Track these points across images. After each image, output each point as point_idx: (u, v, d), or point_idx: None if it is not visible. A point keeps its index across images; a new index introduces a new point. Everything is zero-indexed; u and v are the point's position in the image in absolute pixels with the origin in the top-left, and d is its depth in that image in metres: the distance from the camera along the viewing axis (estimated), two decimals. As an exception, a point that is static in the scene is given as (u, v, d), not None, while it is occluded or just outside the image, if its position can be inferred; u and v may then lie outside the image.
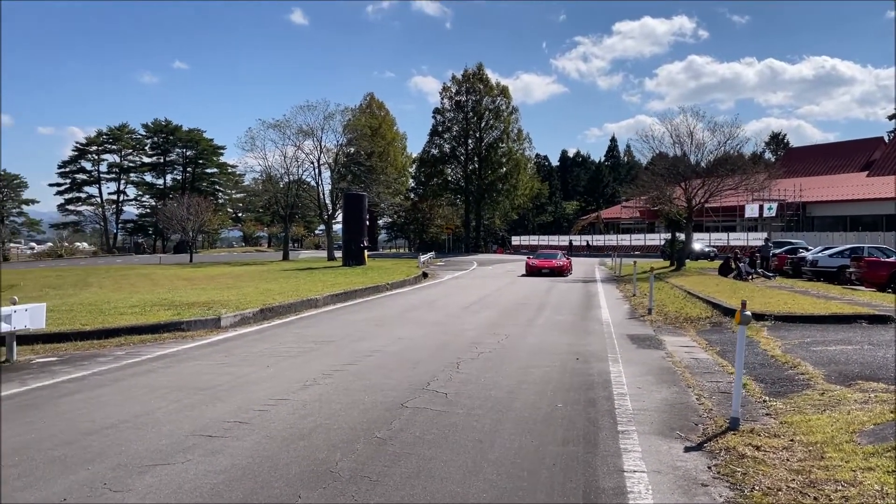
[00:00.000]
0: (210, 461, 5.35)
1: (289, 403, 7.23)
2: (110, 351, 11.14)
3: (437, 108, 79.90)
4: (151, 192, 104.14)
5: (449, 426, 6.38)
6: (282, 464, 5.30)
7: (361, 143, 61.74)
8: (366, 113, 79.67)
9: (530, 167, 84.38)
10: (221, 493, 4.68)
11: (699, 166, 31.66)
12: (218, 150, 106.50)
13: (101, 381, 8.61)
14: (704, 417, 6.68)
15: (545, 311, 16.48)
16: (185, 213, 63.12)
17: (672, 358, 9.98)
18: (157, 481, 4.92)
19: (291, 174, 59.94)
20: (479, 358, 10.00)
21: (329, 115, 57.71)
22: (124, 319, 13.77)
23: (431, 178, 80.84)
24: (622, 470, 5.19)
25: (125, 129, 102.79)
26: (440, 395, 7.63)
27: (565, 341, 11.63)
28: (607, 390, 7.86)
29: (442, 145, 79.81)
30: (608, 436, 6.07)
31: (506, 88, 78.93)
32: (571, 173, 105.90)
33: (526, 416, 6.72)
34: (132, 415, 6.82)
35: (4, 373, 9.37)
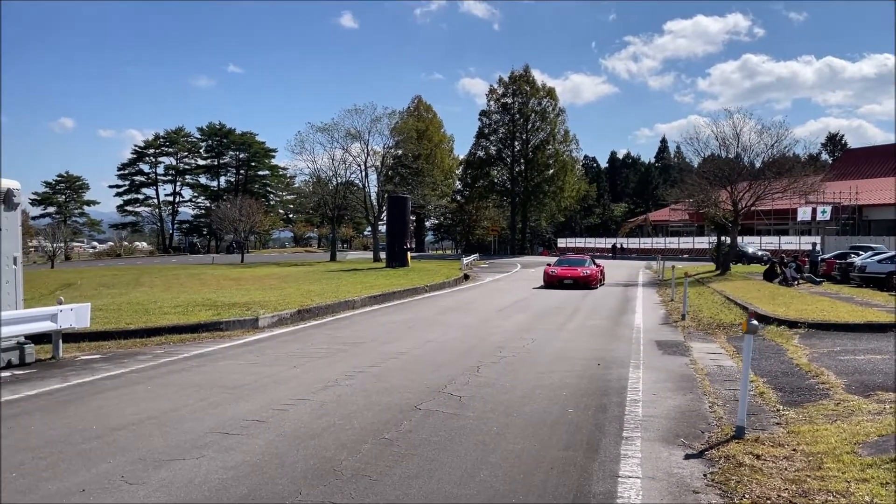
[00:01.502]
0: (223, 457, 5.65)
1: (307, 403, 7.52)
2: (150, 349, 11.66)
3: (484, 111, 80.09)
4: (206, 194, 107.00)
5: (457, 429, 6.56)
6: (289, 461, 5.56)
7: (408, 146, 62.35)
8: (413, 115, 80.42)
9: (578, 169, 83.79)
10: (228, 488, 4.96)
11: (745, 169, 31.02)
12: (270, 152, 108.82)
13: (137, 379, 9.07)
14: (713, 425, 6.70)
15: (578, 316, 16.49)
16: (237, 215, 64.81)
17: (695, 365, 9.94)
18: (170, 475, 5.24)
19: (339, 176, 60.99)
20: (500, 362, 10.14)
21: (376, 119, 58.45)
22: (167, 319, 14.34)
23: (477, 179, 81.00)
24: (617, 475, 5.28)
25: (181, 132, 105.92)
26: (454, 398, 7.81)
27: (591, 346, 11.68)
28: (621, 396, 7.92)
29: (488, 147, 79.91)
30: (611, 442, 6.16)
31: (552, 90, 78.61)
32: (620, 175, 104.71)
33: (535, 421, 6.85)
34: (159, 411, 7.20)
35: (50, 369, 9.93)
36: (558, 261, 28.92)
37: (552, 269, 26.41)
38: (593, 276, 25.70)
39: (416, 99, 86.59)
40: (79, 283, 30.30)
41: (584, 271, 25.84)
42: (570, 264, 27.51)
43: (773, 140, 30.43)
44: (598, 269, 26.71)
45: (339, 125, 57.60)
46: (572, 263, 27.63)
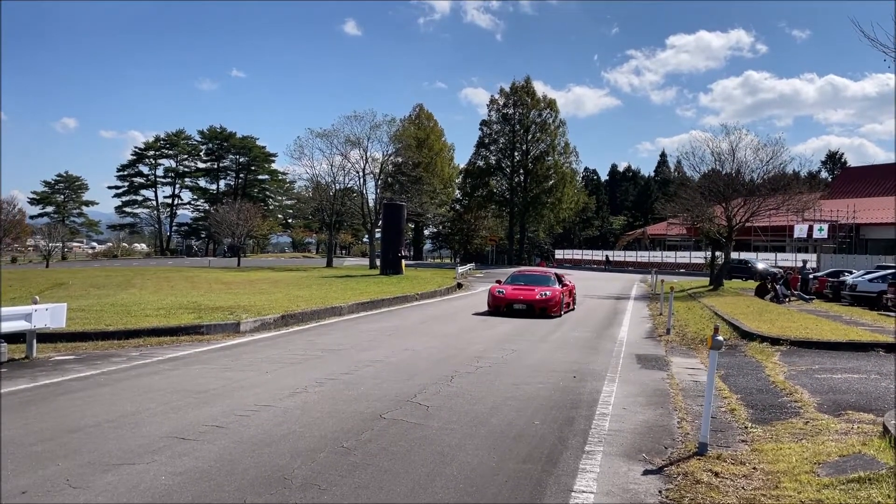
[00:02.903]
0: (174, 463, 5.57)
1: (271, 410, 7.43)
2: (126, 351, 11.57)
3: (485, 121, 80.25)
4: (205, 197, 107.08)
5: (418, 439, 6.47)
6: (240, 469, 5.47)
7: (407, 154, 62.50)
8: (414, 123, 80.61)
9: (577, 181, 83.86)
10: (171, 494, 4.88)
11: (741, 185, 31.00)
12: (270, 157, 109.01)
13: (105, 381, 8.98)
14: (677, 441, 6.61)
15: (563, 328, 16.40)
16: (235, 219, 64.80)
17: (671, 380, 9.85)
18: (116, 480, 5.15)
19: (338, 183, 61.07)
20: (476, 372, 10.06)
21: (376, 126, 58.67)
22: (147, 321, 14.26)
23: (477, 189, 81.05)
24: (571, 490, 5.20)
25: (181, 134, 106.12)
26: (422, 407, 7.73)
27: (570, 359, 11.59)
28: (591, 410, 7.83)
29: (488, 157, 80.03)
30: (571, 455, 6.07)
31: (553, 102, 78.74)
32: (620, 188, 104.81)
33: (498, 433, 6.76)
34: (119, 415, 7.11)
35: (21, 369, 9.85)
36: (512, 276, 21.30)
37: (499, 289, 19.51)
38: (554, 299, 18.76)
39: (417, 107, 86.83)
40: (70, 283, 30.21)
41: (544, 293, 18.88)
42: (527, 282, 20.34)
43: (768, 157, 30.45)
44: (563, 290, 19.72)
45: (338, 131, 57.85)
46: (530, 281, 20.45)
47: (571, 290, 21.34)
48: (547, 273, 21.74)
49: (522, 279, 20.79)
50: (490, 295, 19.60)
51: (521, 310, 18.57)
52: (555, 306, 18.74)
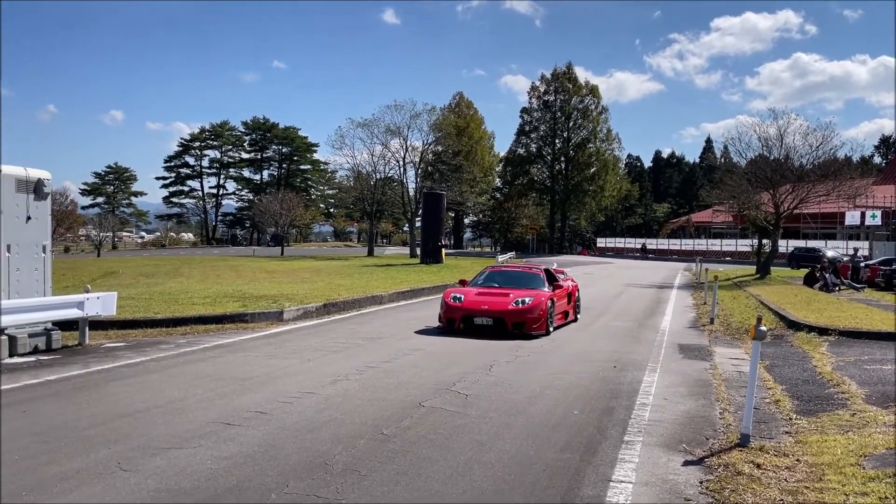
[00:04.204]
0: (219, 447, 5.72)
1: (313, 397, 7.57)
2: (174, 339, 11.90)
3: (525, 108, 79.81)
4: (249, 187, 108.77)
5: (456, 427, 6.53)
6: (283, 454, 5.60)
7: (447, 142, 62.53)
8: (454, 112, 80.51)
9: (620, 168, 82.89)
10: (217, 478, 5.02)
11: (789, 171, 30.21)
12: (311, 147, 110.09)
13: (154, 368, 9.26)
14: (719, 432, 6.53)
15: (604, 317, 16.29)
16: (278, 208, 65.76)
17: (714, 370, 9.72)
18: (164, 463, 5.32)
19: (378, 172, 61.49)
20: (515, 361, 10.08)
21: (416, 115, 58.85)
22: (194, 309, 14.61)
23: (517, 177, 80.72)
24: (609, 479, 5.19)
25: (226, 125, 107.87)
26: (461, 396, 7.78)
27: (610, 348, 11.52)
28: (631, 400, 7.78)
29: (528, 145, 79.59)
30: (610, 445, 6.05)
31: (595, 88, 77.81)
32: (664, 175, 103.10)
33: (536, 422, 6.78)
34: (167, 400, 7.34)
35: (74, 355, 10.21)
36: (486, 275, 15.29)
37: (456, 294, 13.50)
38: (537, 309, 12.62)
39: (457, 95, 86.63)
40: (120, 272, 31.11)
41: (521, 299, 12.78)
42: (504, 282, 14.31)
43: (818, 142, 29.59)
44: (553, 294, 13.59)
45: (378, 121, 58.19)
46: (508, 281, 14.39)
47: (570, 292, 14.95)
48: (532, 270, 15.16)
49: (498, 278, 14.70)
50: (443, 303, 13.27)
51: (485, 326, 12.49)
52: (536, 320, 12.45)
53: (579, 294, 15.99)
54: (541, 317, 12.64)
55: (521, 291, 13.27)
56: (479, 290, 13.79)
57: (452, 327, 12.88)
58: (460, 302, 13.07)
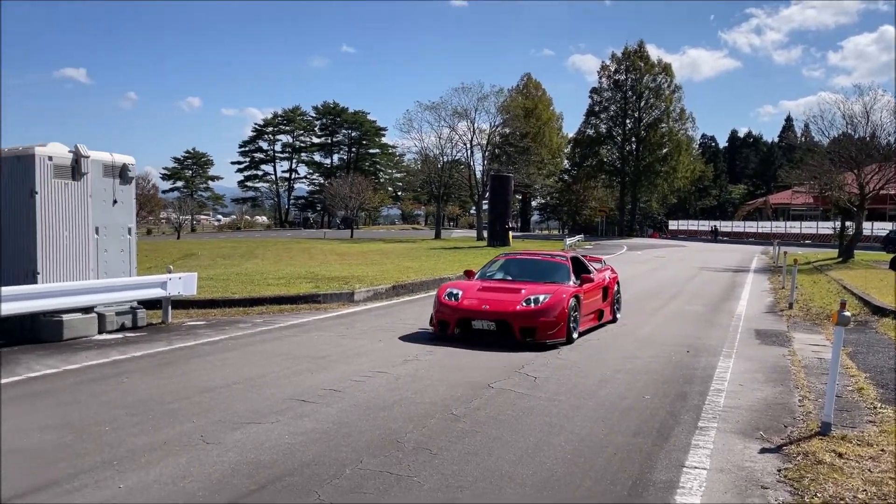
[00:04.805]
0: (295, 423, 5.92)
1: (384, 376, 7.71)
2: (251, 318, 12.30)
3: (595, 88, 78.28)
4: (320, 171, 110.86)
5: (525, 409, 6.55)
6: (356, 431, 5.75)
7: (515, 124, 61.99)
8: (522, 93, 79.81)
9: (693, 148, 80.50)
10: (294, 453, 5.20)
11: (874, 150, 28.68)
12: (380, 131, 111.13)
13: (233, 346, 9.62)
14: (798, 420, 6.33)
15: (676, 301, 15.93)
16: (348, 192, 66.84)
17: (793, 356, 9.40)
18: (244, 437, 5.54)
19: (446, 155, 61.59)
20: (584, 344, 10.00)
21: (483, 97, 58.48)
22: (269, 290, 15.06)
23: (586, 159, 79.45)
24: (682, 465, 5.12)
25: (297, 111, 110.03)
26: (529, 378, 7.79)
27: (683, 332, 11.27)
28: (705, 385, 7.62)
29: (598, 126, 78.17)
30: (683, 431, 5.96)
31: (668, 66, 75.64)
32: (740, 155, 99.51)
33: (607, 405, 6.73)
34: (246, 377, 7.61)
35: (158, 333, 10.69)
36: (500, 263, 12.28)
37: (453, 290, 10.71)
38: (553, 310, 9.85)
39: (525, 76, 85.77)
40: (198, 254, 32.22)
41: (534, 297, 10.08)
42: (519, 274, 11.57)
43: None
44: (579, 289, 10.65)
45: (446, 104, 58.11)
46: (524, 272, 11.61)
47: (606, 286, 12.05)
48: (556, 259, 12.04)
49: (513, 268, 11.87)
50: (435, 301, 10.63)
51: (487, 332, 9.91)
52: (552, 324, 9.70)
53: (619, 288, 13.02)
54: (559, 320, 9.75)
55: (536, 286, 10.50)
56: (485, 284, 10.92)
57: (445, 333, 10.09)
58: (456, 300, 10.24)
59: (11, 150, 10.20)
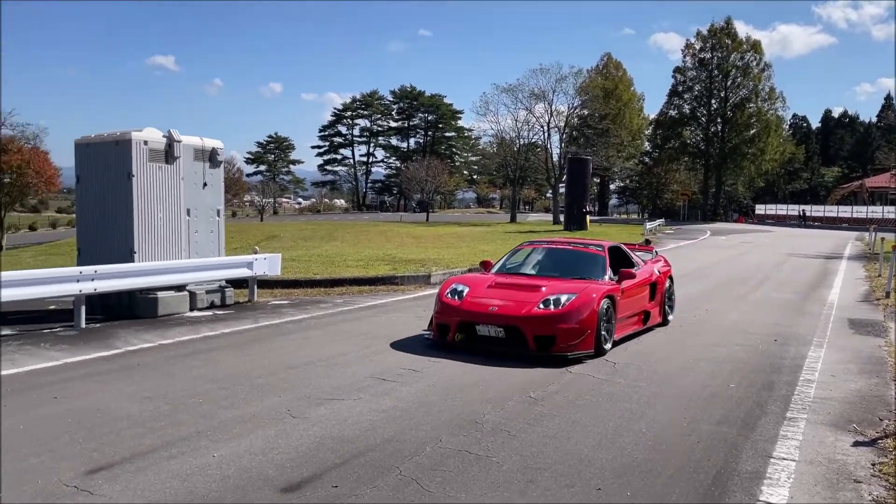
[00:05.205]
0: (376, 401, 6.06)
1: (462, 357, 7.77)
2: (332, 298, 12.61)
3: (678, 67, 75.58)
4: (396, 155, 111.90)
5: (605, 394, 6.49)
6: (435, 410, 5.84)
7: (594, 106, 60.88)
8: (601, 74, 78.09)
9: (783, 129, 76.88)
10: (376, 428, 5.33)
11: None
12: (456, 114, 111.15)
13: (315, 325, 9.90)
14: (895, 413, 6.03)
15: (763, 288, 15.36)
16: (424, 175, 67.28)
17: (890, 347, 8.93)
18: (328, 412, 5.72)
19: (522, 138, 61.13)
20: (665, 331, 9.80)
21: (561, 78, 57.70)
22: (349, 271, 15.39)
23: (668, 140, 77.07)
24: (770, 455, 4.97)
25: (375, 95, 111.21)
26: (609, 363, 7.70)
27: (771, 321, 10.87)
28: (793, 375, 7.35)
29: (681, 106, 75.59)
30: (771, 421, 5.77)
31: (757, 43, 72.29)
32: (834, 136, 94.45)
33: (689, 393, 6.59)
34: (328, 355, 7.84)
35: (245, 311, 11.11)
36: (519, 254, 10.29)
37: (459, 285, 8.82)
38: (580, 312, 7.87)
39: (605, 56, 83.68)
40: (281, 236, 33.19)
41: (554, 298, 8.06)
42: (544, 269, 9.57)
43: None
44: (611, 288, 8.57)
45: (523, 86, 57.63)
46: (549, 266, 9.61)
47: (655, 282, 10.03)
48: (590, 249, 9.85)
49: (539, 258, 9.96)
50: (437, 300, 8.78)
51: (494, 339, 8.06)
52: (576, 332, 7.80)
53: (673, 284, 10.86)
54: (584, 327, 7.81)
55: (561, 283, 8.53)
56: (499, 279, 8.98)
57: (445, 339, 8.33)
58: (459, 299, 8.42)
59: (110, 135, 10.75)
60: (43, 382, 6.60)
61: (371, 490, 4.21)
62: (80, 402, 5.96)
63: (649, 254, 11.60)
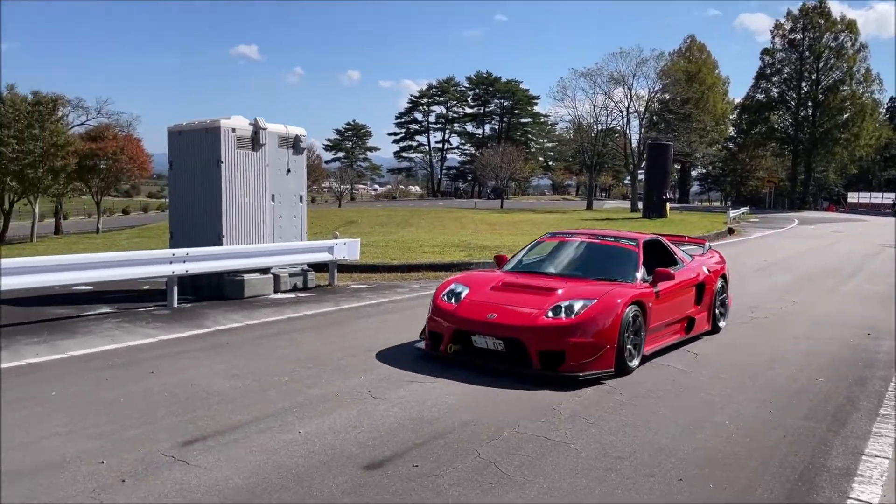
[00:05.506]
0: (454, 385, 6.13)
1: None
2: (408, 283, 12.81)
3: (766, 49, 72.76)
4: (471, 141, 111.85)
5: (686, 385, 6.39)
6: (512, 395, 5.88)
7: (676, 90, 59.15)
8: (684, 56, 75.72)
9: (879, 113, 72.79)
10: (453, 412, 5.42)
11: None
12: (532, 100, 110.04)
13: (393, 308, 10.11)
14: None
15: (855, 279, 14.67)
16: (499, 162, 67.07)
17: None
18: (407, 394, 5.84)
19: (600, 123, 60.07)
20: (750, 322, 9.52)
21: (642, 62, 56.35)
22: (425, 257, 15.57)
23: (754, 125, 74.23)
24: (861, 453, 4.79)
25: (451, 82, 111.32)
26: (690, 354, 7.56)
27: (863, 314, 10.39)
28: (888, 371, 7.02)
29: (769, 89, 72.71)
30: (863, 417, 5.55)
31: (852, 23, 68.60)
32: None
33: (775, 386, 6.40)
34: (407, 339, 7.95)
35: (325, 294, 11.42)
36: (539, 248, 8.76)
37: (456, 287, 7.37)
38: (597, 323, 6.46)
39: (688, 38, 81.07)
40: (358, 222, 33.84)
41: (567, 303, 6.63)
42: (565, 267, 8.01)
43: None
44: (641, 293, 7.03)
45: (602, 70, 56.60)
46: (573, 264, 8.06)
47: (702, 283, 8.46)
48: (621, 243, 8.20)
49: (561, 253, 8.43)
50: (431, 304, 7.45)
51: (492, 353, 6.73)
52: (591, 348, 6.42)
53: (726, 284, 9.29)
54: (601, 341, 6.41)
55: (581, 285, 7.13)
56: (508, 278, 7.56)
57: (437, 349, 7.05)
58: (455, 302, 7.11)
59: (200, 123, 11.20)
60: (141, 358, 7.00)
61: (450, 471, 4.30)
62: (174, 377, 6.30)
63: (700, 247, 10.14)
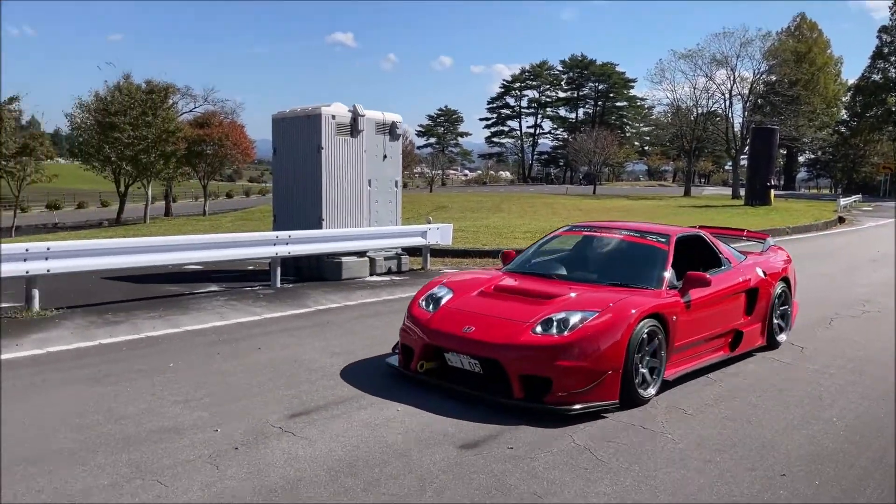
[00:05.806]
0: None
1: (634, 333, 7.66)
2: (501, 269, 12.85)
3: (884, 26, 68.04)
4: (564, 126, 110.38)
5: (791, 379, 6.17)
6: (608, 383, 5.84)
7: (783, 71, 56.26)
8: (793, 36, 71.91)
9: None
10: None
11: None
12: (629, 83, 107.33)
13: (486, 293, 10.16)
14: None
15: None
16: (592, 147, 65.93)
17: None
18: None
19: (700, 107, 57.99)
20: (861, 316, 9.05)
21: (747, 42, 54.01)
22: (516, 243, 15.53)
23: (869, 108, 69.75)
24: (984, 458, 4.50)
25: (544, 65, 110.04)
26: (795, 348, 7.27)
27: None
28: None
29: (887, 70, 68.08)
30: None
31: None
32: None
33: (889, 383, 6.08)
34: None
35: (418, 278, 11.63)
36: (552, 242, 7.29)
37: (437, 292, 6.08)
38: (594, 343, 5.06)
39: (798, 16, 76.90)
40: (449, 207, 34.14)
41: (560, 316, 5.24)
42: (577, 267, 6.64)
43: None
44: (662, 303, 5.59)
45: (703, 51, 54.66)
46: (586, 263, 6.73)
47: (754, 289, 6.90)
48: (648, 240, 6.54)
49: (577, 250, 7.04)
50: (407, 312, 6.12)
51: (468, 374, 5.45)
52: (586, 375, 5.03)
53: (790, 290, 7.70)
54: (601, 365, 5.09)
55: (589, 292, 5.77)
56: (507, 279, 6.33)
57: (409, 365, 5.83)
58: (433, 310, 5.88)
59: (302, 110, 11.59)
60: (249, 335, 7.39)
61: (545, 454, 4.35)
62: (279, 353, 6.62)
63: (762, 242, 8.42)
